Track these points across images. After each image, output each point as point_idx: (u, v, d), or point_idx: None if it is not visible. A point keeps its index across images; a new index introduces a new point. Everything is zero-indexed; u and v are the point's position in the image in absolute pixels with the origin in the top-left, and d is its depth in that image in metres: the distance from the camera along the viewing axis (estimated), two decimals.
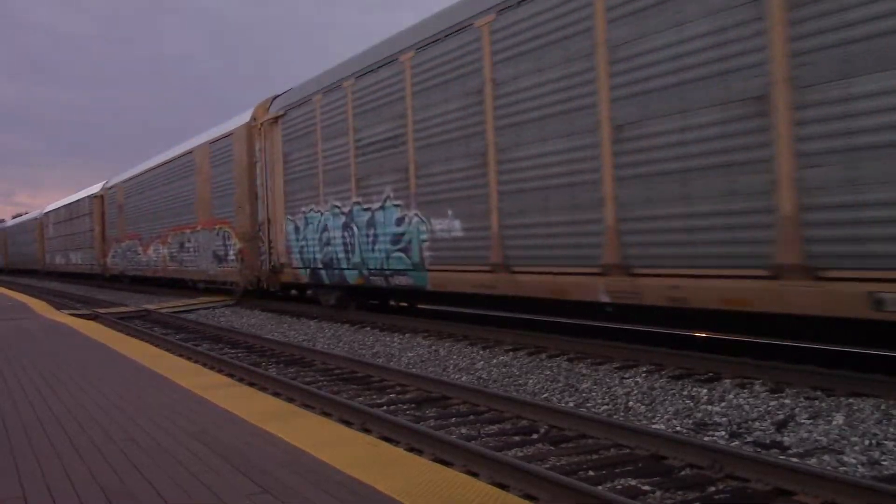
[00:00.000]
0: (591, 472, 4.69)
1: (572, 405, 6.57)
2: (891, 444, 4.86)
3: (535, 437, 5.64)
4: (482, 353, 9.23)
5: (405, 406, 6.88)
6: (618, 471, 4.70)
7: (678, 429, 5.63)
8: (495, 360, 8.71)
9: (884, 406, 5.57)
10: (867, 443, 4.91)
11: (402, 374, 8.00)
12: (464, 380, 7.96)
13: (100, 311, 17.27)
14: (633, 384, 6.99)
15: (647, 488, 4.36)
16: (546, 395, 7.05)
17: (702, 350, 7.91)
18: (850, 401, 5.79)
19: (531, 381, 7.57)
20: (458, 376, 8.23)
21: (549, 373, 7.83)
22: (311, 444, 4.18)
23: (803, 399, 5.98)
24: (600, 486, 4.31)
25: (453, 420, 6.25)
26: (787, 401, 5.96)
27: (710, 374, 7.04)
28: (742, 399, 6.15)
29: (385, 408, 6.74)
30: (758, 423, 5.56)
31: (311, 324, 13.60)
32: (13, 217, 63.09)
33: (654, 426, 5.67)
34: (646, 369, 7.50)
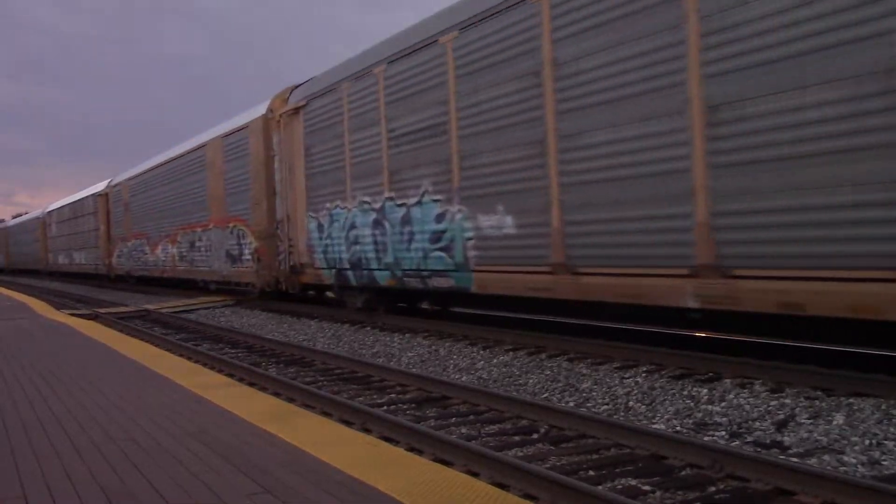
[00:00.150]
0: (592, 472, 4.69)
1: (572, 405, 6.57)
2: (891, 443, 4.86)
3: (536, 436, 5.64)
4: (482, 352, 9.23)
5: (405, 406, 6.88)
6: (618, 471, 4.71)
7: (678, 429, 5.63)
8: (495, 360, 8.71)
9: (884, 406, 5.57)
10: (867, 443, 4.91)
11: (403, 374, 8.00)
12: (464, 380, 7.96)
13: (100, 310, 17.27)
14: (634, 384, 6.99)
15: (648, 488, 4.36)
16: (546, 395, 7.06)
17: (702, 350, 7.91)
18: (851, 401, 5.79)
19: (531, 381, 7.57)
20: (458, 376, 8.23)
21: (549, 373, 7.83)
22: (311, 443, 4.18)
23: (804, 399, 5.98)
24: (600, 486, 4.31)
25: (453, 420, 6.26)
26: (787, 401, 5.96)
27: (711, 374, 7.04)
28: (742, 399, 6.15)
29: (385, 408, 6.74)
30: (758, 423, 5.56)
31: (312, 324, 13.60)
32: (13, 217, 62.96)
33: (654, 426, 5.67)
34: (646, 369, 7.50)
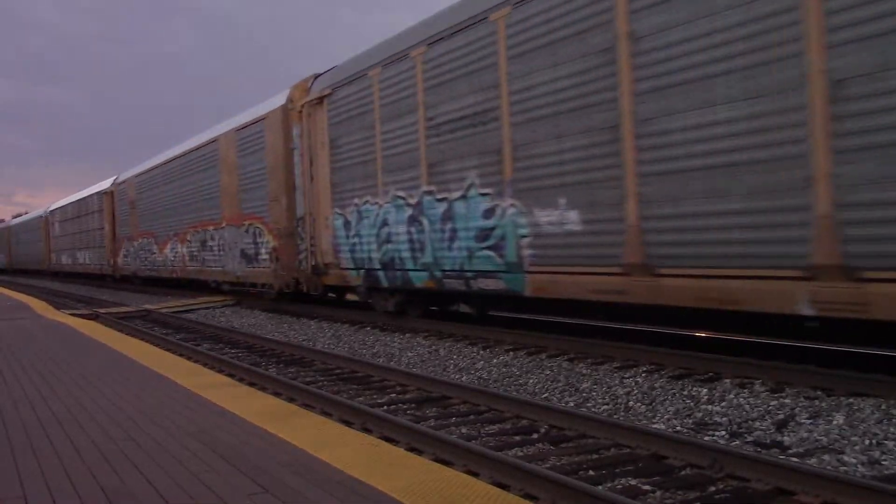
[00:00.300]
0: (592, 472, 4.69)
1: (572, 405, 6.57)
2: (891, 443, 4.86)
3: (536, 436, 5.64)
4: (482, 352, 9.23)
5: (405, 406, 6.88)
6: (618, 470, 4.71)
7: (678, 428, 5.63)
8: (495, 360, 8.71)
9: (884, 406, 5.57)
10: (867, 442, 4.92)
11: (403, 374, 8.00)
12: (464, 379, 7.97)
13: (100, 311, 17.28)
14: (634, 384, 6.99)
15: (648, 488, 4.36)
16: (546, 395, 7.06)
17: (702, 350, 7.90)
18: (851, 400, 5.79)
19: (531, 381, 7.57)
20: (458, 376, 8.23)
21: (549, 372, 7.83)
22: (311, 443, 4.19)
23: (803, 399, 5.98)
24: (600, 486, 4.31)
25: (453, 420, 6.26)
26: (787, 400, 5.96)
27: (711, 374, 7.04)
28: (742, 399, 6.15)
29: (385, 408, 6.74)
30: (758, 423, 5.56)
31: (312, 324, 13.60)
32: (13, 217, 62.92)
33: (654, 426, 5.67)
34: (646, 369, 7.50)
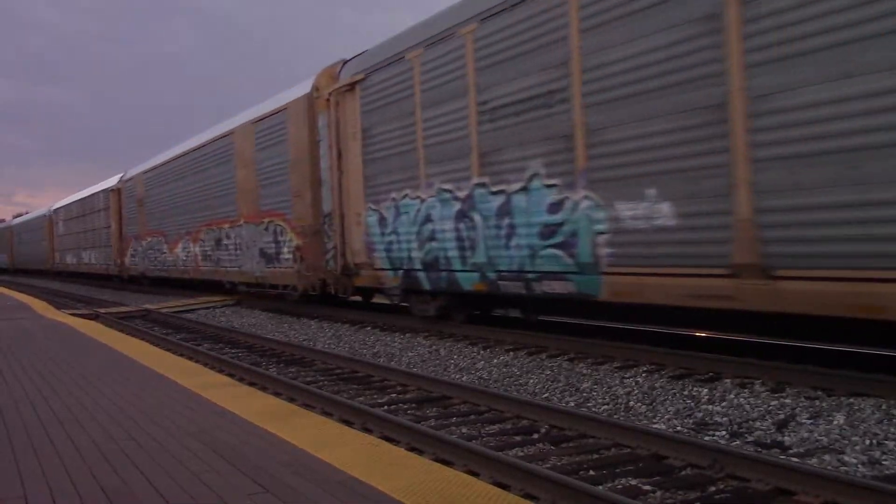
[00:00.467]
0: (592, 472, 4.69)
1: (573, 405, 6.57)
2: (891, 443, 4.86)
3: (536, 436, 5.64)
4: (482, 352, 9.23)
5: (406, 406, 6.88)
6: (618, 470, 4.71)
7: (679, 428, 5.63)
8: (496, 360, 8.71)
9: (884, 406, 5.57)
10: (868, 442, 4.91)
11: (403, 374, 8.00)
12: (464, 379, 7.96)
13: (100, 310, 17.29)
14: (634, 384, 6.99)
15: (648, 488, 4.36)
16: (546, 395, 7.06)
17: (702, 350, 7.90)
18: (851, 400, 5.79)
19: (532, 381, 7.57)
20: (458, 376, 8.23)
21: (549, 372, 7.83)
22: (311, 443, 4.19)
23: (804, 399, 5.98)
24: (601, 486, 4.31)
25: (454, 420, 6.26)
26: (787, 400, 5.96)
27: (711, 374, 7.04)
28: (743, 399, 6.15)
29: (386, 408, 6.74)
30: (758, 423, 5.56)
31: (312, 324, 13.60)
32: (13, 217, 62.89)
33: (654, 426, 5.67)
34: (646, 369, 7.50)
